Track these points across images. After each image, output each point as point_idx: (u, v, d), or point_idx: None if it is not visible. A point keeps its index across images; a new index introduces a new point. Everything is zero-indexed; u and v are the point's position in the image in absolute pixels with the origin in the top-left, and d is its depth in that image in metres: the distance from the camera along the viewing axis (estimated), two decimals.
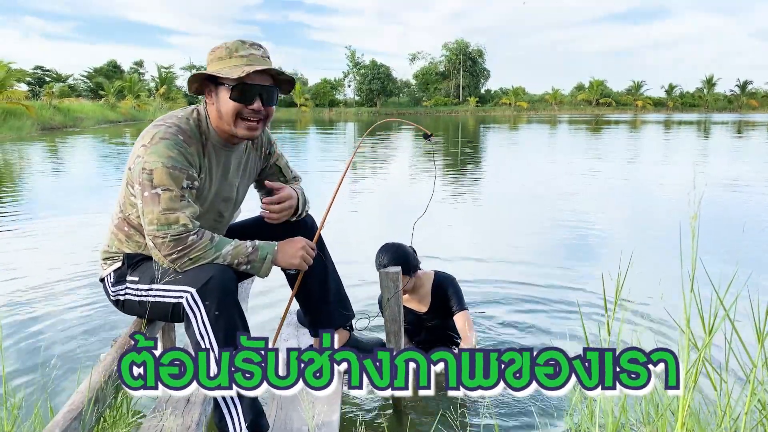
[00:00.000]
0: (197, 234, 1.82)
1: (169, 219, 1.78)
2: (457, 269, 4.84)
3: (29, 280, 4.41)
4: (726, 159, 14.81)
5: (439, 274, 2.97)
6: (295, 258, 1.99)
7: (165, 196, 1.78)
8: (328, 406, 2.16)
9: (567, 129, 34.20)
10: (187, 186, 1.83)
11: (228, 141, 1.99)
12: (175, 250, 1.79)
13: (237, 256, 1.88)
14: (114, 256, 2.03)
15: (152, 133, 1.84)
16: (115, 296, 2.03)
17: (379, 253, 2.81)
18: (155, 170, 1.77)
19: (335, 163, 13.96)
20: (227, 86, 1.86)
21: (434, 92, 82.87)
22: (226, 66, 1.88)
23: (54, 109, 31.35)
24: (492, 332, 3.49)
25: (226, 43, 1.92)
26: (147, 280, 1.91)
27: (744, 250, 5.25)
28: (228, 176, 2.06)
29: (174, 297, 1.83)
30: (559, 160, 14.93)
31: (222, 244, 1.87)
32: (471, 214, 7.29)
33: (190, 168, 1.85)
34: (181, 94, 65.22)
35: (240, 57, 1.88)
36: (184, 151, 1.83)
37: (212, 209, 2.04)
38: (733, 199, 8.28)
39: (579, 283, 4.36)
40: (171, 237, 1.78)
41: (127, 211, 1.94)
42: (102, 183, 10.49)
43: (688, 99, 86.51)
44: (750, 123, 41.64)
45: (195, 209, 1.85)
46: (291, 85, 2.02)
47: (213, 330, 1.77)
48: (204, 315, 1.77)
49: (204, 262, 1.83)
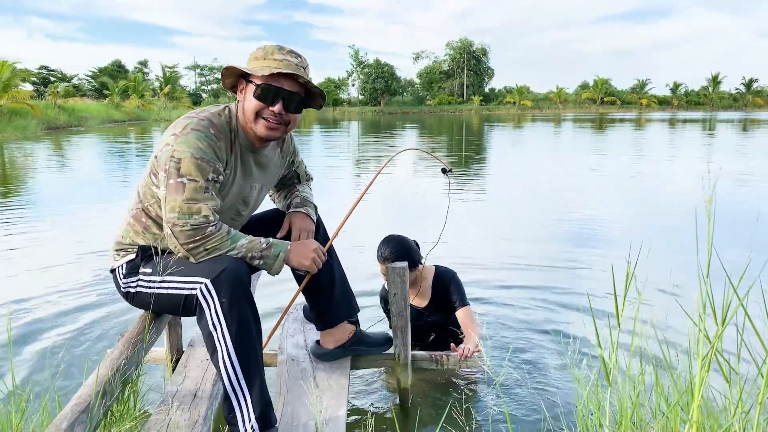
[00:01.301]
0: (215, 226, 1.83)
1: (192, 209, 1.79)
2: (464, 264, 4.86)
3: (36, 275, 4.44)
4: (734, 155, 14.73)
5: (440, 268, 2.96)
6: (306, 259, 2.01)
7: (190, 186, 1.79)
8: (335, 401, 2.16)
9: (572, 127, 34.10)
10: (212, 179, 1.84)
11: (254, 142, 2.01)
12: (193, 240, 1.80)
13: (251, 250, 1.88)
14: (128, 247, 2.03)
15: (184, 124, 1.85)
16: (126, 288, 2.03)
17: (381, 245, 2.79)
18: (183, 159, 1.78)
19: (340, 162, 13.96)
20: (254, 84, 1.89)
21: (438, 91, 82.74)
22: (258, 65, 1.91)
23: (59, 108, 31.48)
24: (497, 325, 3.47)
25: (265, 45, 1.94)
26: (160, 271, 1.91)
27: (758, 239, 5.24)
28: (251, 177, 2.08)
29: (187, 288, 1.83)
30: (565, 157, 14.88)
31: (237, 237, 1.88)
32: (479, 211, 7.26)
33: (217, 162, 1.86)
34: (185, 94, 65.33)
35: (274, 60, 1.90)
36: (213, 144, 1.84)
37: (231, 207, 2.05)
38: (744, 193, 8.27)
39: (588, 276, 4.34)
40: (191, 226, 1.79)
41: (147, 201, 1.95)
42: (106, 181, 10.52)
43: (693, 97, 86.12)
44: (756, 121, 41.43)
45: (217, 202, 1.86)
46: (322, 99, 2.04)
47: (226, 321, 1.78)
48: (218, 306, 1.78)
49: (219, 253, 1.84)
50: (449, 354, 2.51)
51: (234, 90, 2.01)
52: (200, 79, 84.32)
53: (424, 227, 5.48)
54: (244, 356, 1.78)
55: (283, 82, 1.89)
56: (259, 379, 1.82)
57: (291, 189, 2.39)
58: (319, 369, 2.37)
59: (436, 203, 7.69)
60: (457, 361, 2.49)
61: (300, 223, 2.20)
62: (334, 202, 7.27)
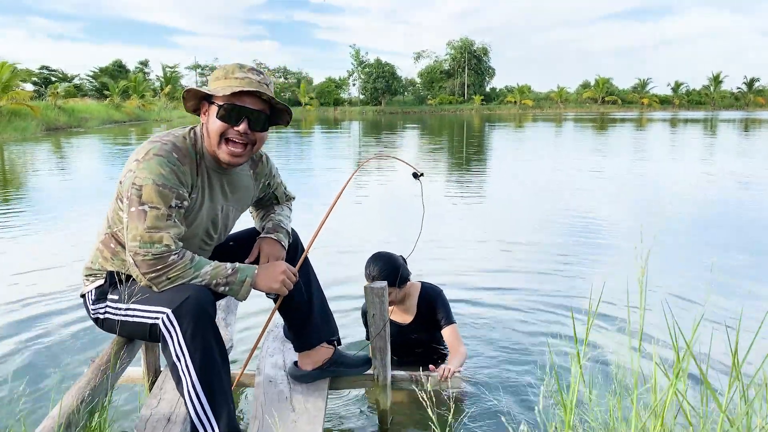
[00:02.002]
0: (178, 254, 1.80)
1: (153, 237, 1.76)
2: (463, 270, 4.85)
3: (7, 292, 4.31)
4: (736, 156, 14.68)
5: (426, 285, 2.93)
6: (275, 282, 1.97)
7: (152, 213, 1.76)
8: (310, 426, 2.13)
9: (573, 128, 34.04)
10: (176, 205, 1.81)
11: (220, 164, 1.97)
12: (154, 269, 1.77)
13: (216, 277, 1.85)
14: (97, 273, 2.00)
15: (147, 149, 1.81)
16: (95, 314, 2.01)
17: (368, 263, 2.76)
18: (145, 186, 1.75)
19: (340, 162, 13.94)
20: (217, 105, 1.85)
21: (439, 91, 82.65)
22: (220, 85, 1.87)
23: (59, 109, 31.46)
24: (486, 330, 3.44)
25: (225, 65, 1.90)
26: (126, 299, 1.88)
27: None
28: (220, 199, 2.04)
29: (150, 317, 1.80)
30: (566, 158, 14.83)
31: (201, 265, 1.84)
32: (478, 213, 7.23)
33: (181, 187, 1.82)
34: None
35: (235, 79, 1.86)
36: (176, 169, 1.81)
37: (201, 230, 2.01)
38: (751, 196, 8.25)
39: (579, 284, 4.31)
40: (152, 255, 1.76)
41: (116, 226, 1.91)
42: (98, 189, 10.51)
43: (695, 96, 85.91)
44: (757, 120, 41.33)
45: (180, 230, 1.83)
46: (289, 115, 2.01)
47: (189, 352, 1.75)
48: (180, 336, 1.75)
49: (182, 281, 1.81)
50: (429, 374, 2.48)
51: (197, 113, 1.97)
52: (201, 79, 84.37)
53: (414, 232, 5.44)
54: (209, 386, 1.76)
55: (246, 100, 1.85)
56: (226, 409, 1.79)
57: (267, 211, 2.35)
58: (296, 391, 2.34)
59: (428, 204, 7.66)
60: (437, 381, 2.45)
61: (268, 249, 2.16)
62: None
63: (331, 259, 4.85)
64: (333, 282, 4.31)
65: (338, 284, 4.26)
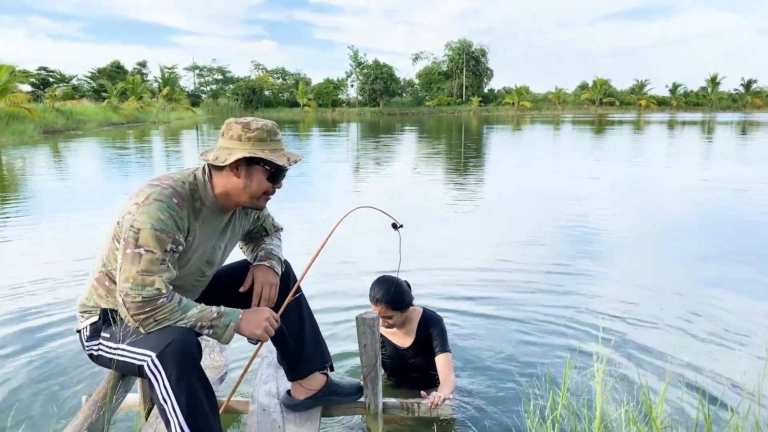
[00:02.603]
0: (167, 297, 1.84)
1: (145, 281, 1.80)
2: (458, 278, 4.91)
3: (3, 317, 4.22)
4: (735, 161, 14.75)
5: (427, 312, 2.99)
6: (258, 328, 2.01)
7: (147, 257, 1.80)
8: None
9: (571, 129, 34.12)
10: (171, 250, 1.86)
11: (225, 208, 2.04)
12: (143, 311, 1.82)
13: (201, 320, 1.90)
14: (91, 309, 2.05)
15: (147, 193, 1.86)
16: (89, 350, 2.06)
17: (373, 286, 2.83)
18: (143, 230, 1.80)
19: (339, 166, 13.98)
20: (266, 167, 1.96)
21: (437, 92, 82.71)
22: (267, 149, 1.96)
23: (57, 111, 31.44)
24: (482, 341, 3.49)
25: (258, 125, 1.96)
26: (116, 338, 1.93)
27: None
28: (215, 239, 2.10)
29: (138, 360, 1.86)
30: (564, 162, 14.89)
31: (188, 307, 1.89)
32: (474, 219, 7.28)
33: (178, 233, 1.87)
34: (184, 95, 65.32)
35: (276, 141, 1.99)
36: (175, 215, 1.86)
37: (195, 269, 2.07)
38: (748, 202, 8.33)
39: (577, 298, 4.36)
40: (142, 298, 1.80)
41: (110, 265, 1.96)
42: (98, 202, 10.53)
43: (692, 98, 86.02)
44: (755, 123, 41.43)
45: (172, 274, 1.88)
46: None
47: (175, 394, 1.80)
48: (165, 380, 1.80)
49: (168, 324, 1.86)
50: (420, 401, 2.53)
51: (223, 168, 1.98)
52: (199, 80, 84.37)
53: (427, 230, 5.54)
54: (196, 427, 1.81)
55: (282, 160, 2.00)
56: None
57: (258, 242, 2.40)
58: (288, 420, 2.39)
59: (425, 210, 7.71)
60: (428, 409, 2.51)
61: (262, 276, 2.21)
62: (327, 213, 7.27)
63: (326, 284, 4.87)
64: (326, 301, 4.37)
65: (332, 304, 4.32)
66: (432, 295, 4.46)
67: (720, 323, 3.95)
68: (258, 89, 77.62)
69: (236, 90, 77.04)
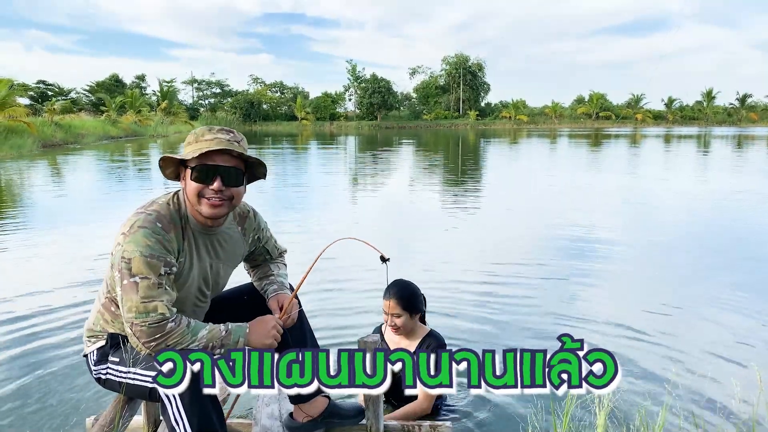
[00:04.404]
0: (175, 321, 1.87)
1: (148, 307, 1.83)
2: (453, 288, 4.92)
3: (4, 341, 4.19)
4: (733, 174, 14.86)
5: (433, 332, 3.03)
6: (267, 338, 2.03)
7: (143, 284, 1.83)
8: None
9: (567, 144, 34.30)
10: (165, 272, 1.88)
11: (206, 225, 2.05)
12: (153, 338, 1.84)
13: (212, 340, 1.92)
14: (98, 334, 2.08)
15: (132, 222, 1.89)
16: (97, 374, 2.08)
17: (390, 285, 2.87)
18: (133, 259, 1.83)
19: (337, 177, 14.04)
20: (190, 168, 1.94)
21: (434, 106, 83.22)
22: (191, 149, 1.95)
23: (55, 125, 31.50)
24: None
25: (196, 129, 2.00)
26: (127, 362, 1.95)
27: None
28: (209, 259, 2.11)
29: (150, 382, 1.87)
30: (560, 174, 14.97)
31: (198, 329, 1.91)
32: (470, 236, 7.32)
33: (168, 255, 1.90)
34: (182, 108, 65.48)
35: (204, 140, 1.94)
36: (161, 238, 1.89)
37: (194, 290, 2.09)
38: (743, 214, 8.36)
39: (574, 311, 4.39)
40: (149, 325, 1.83)
41: (114, 291, 1.98)
42: (92, 217, 10.55)
43: (688, 112, 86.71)
44: (750, 137, 41.73)
45: (172, 296, 1.90)
46: (264, 167, 2.09)
47: (187, 416, 1.82)
48: (178, 401, 1.82)
49: (181, 347, 1.87)
50: (421, 424, 2.56)
51: (177, 179, 2.06)
52: (198, 94, 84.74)
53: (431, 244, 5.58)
54: None
55: (217, 158, 1.93)
56: None
57: (265, 270, 2.42)
58: None
59: (424, 221, 7.74)
60: (428, 430, 2.53)
61: (283, 298, 2.25)
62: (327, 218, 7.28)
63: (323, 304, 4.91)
64: (325, 321, 4.40)
65: (332, 323, 4.35)
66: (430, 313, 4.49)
67: (719, 344, 3.98)
68: (256, 103, 77.97)
69: (234, 103, 77.39)
